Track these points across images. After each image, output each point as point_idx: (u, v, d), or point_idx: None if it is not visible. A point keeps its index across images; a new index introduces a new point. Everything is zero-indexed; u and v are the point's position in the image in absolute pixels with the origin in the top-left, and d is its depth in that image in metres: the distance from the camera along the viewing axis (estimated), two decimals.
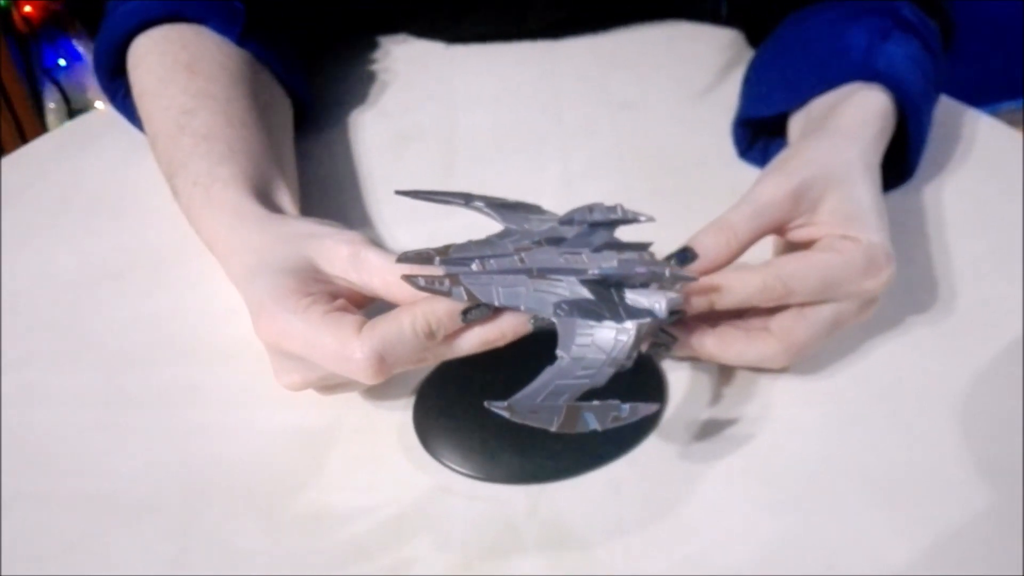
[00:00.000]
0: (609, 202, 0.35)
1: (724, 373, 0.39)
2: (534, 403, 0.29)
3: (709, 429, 0.36)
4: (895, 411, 0.37)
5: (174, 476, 0.35)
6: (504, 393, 0.29)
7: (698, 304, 0.34)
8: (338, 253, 0.34)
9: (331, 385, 0.35)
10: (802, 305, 0.35)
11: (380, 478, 0.35)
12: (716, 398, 0.38)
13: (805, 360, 0.39)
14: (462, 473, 0.35)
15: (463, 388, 0.37)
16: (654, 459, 0.35)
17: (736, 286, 0.34)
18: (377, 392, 0.38)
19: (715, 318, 0.36)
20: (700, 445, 0.36)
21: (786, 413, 0.37)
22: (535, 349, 0.32)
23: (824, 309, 0.35)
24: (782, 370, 0.38)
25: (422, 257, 0.32)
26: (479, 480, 0.35)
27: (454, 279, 0.31)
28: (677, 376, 0.39)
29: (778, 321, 0.35)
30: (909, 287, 0.42)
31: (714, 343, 0.36)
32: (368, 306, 0.36)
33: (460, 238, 0.33)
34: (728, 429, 0.36)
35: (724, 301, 0.34)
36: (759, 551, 0.32)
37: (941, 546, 0.32)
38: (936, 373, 0.38)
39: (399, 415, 0.37)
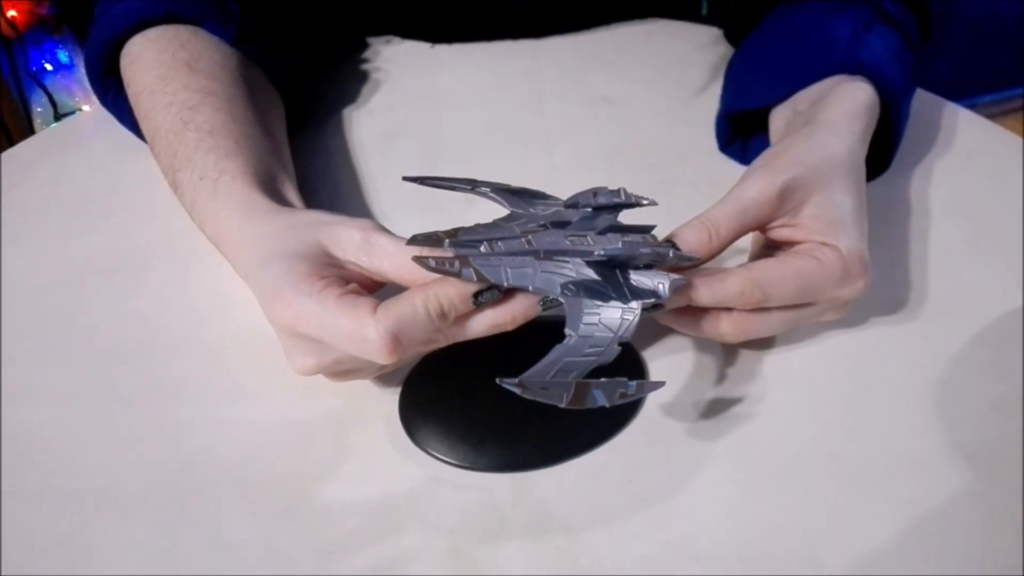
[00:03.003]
0: (612, 186, 0.35)
1: (705, 361, 0.39)
2: (545, 380, 0.29)
3: (690, 416, 0.37)
4: (874, 396, 0.38)
5: (164, 470, 0.36)
6: (488, 385, 0.30)
7: (675, 301, 0.34)
8: (350, 238, 0.34)
9: (343, 371, 0.35)
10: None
11: (368, 469, 0.35)
12: (697, 385, 0.38)
13: (785, 347, 0.40)
14: (449, 463, 0.35)
15: (449, 380, 0.38)
16: (636, 446, 0.36)
17: (715, 288, 0.34)
18: (364, 384, 0.38)
19: None
20: (681, 432, 0.36)
21: (767, 400, 0.38)
22: (520, 342, 0.32)
23: (791, 311, 0.36)
24: (766, 347, 0.40)
25: (432, 240, 0.32)
26: (465, 469, 0.35)
27: (464, 260, 0.31)
28: (657, 365, 0.39)
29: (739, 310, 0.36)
30: (887, 275, 0.43)
31: (671, 312, 0.36)
32: (378, 291, 0.37)
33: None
34: (708, 415, 0.37)
35: (702, 299, 0.34)
36: (741, 534, 0.33)
37: (921, 527, 0.32)
38: (914, 359, 0.39)
39: (386, 407, 0.38)
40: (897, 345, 0.40)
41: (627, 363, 0.39)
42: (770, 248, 0.39)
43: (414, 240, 0.33)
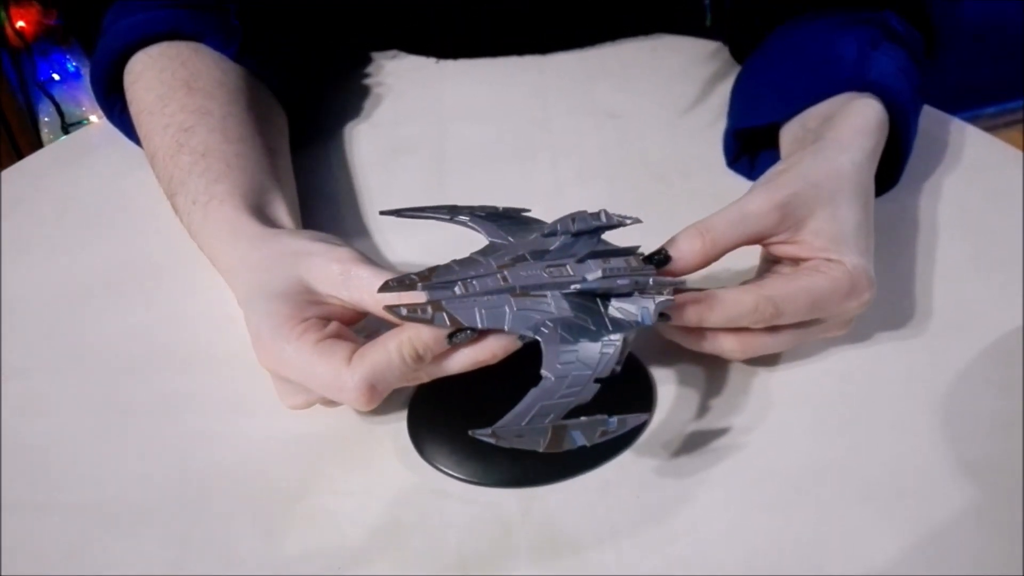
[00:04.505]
0: (592, 209, 0.35)
1: (711, 377, 0.39)
2: (519, 427, 0.29)
3: (697, 433, 0.37)
4: (878, 412, 0.38)
5: (171, 483, 0.36)
6: (498, 400, 0.30)
7: (688, 319, 0.34)
8: (328, 272, 0.35)
9: (332, 402, 0.36)
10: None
11: (375, 483, 0.36)
12: (704, 402, 0.38)
13: (790, 364, 0.40)
14: (456, 477, 0.35)
15: (457, 394, 0.38)
16: (644, 462, 0.36)
17: (728, 306, 0.34)
18: None
19: None
20: (689, 448, 0.36)
21: (772, 416, 0.38)
22: (530, 357, 0.32)
23: (799, 329, 0.36)
24: (772, 364, 0.40)
25: (404, 284, 0.32)
26: (473, 484, 0.35)
27: (436, 305, 0.31)
28: (666, 381, 0.39)
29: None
30: (890, 291, 0.43)
31: (678, 328, 0.36)
32: (361, 321, 0.37)
33: (453, 248, 0.34)
34: (716, 432, 0.37)
35: (714, 319, 0.34)
36: (748, 551, 0.33)
37: (925, 543, 0.33)
38: (918, 375, 0.39)
39: (394, 421, 0.38)
40: (900, 361, 0.40)
41: (636, 382, 0.39)
42: (773, 265, 0.39)
43: (386, 287, 0.32)
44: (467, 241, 0.35)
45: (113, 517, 0.35)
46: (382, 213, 0.37)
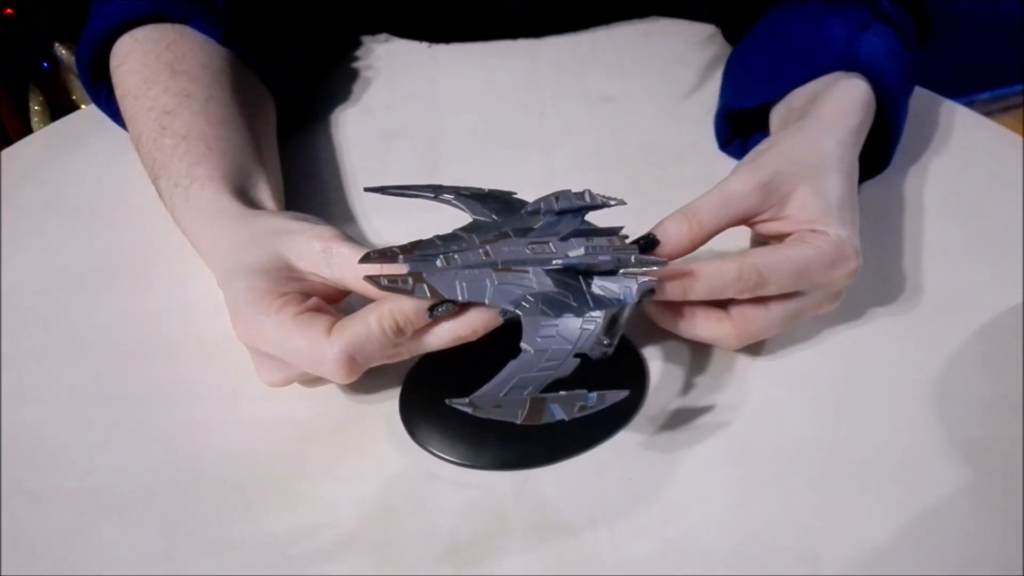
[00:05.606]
0: (577, 188, 0.35)
1: (704, 359, 0.39)
2: (497, 397, 0.29)
3: (690, 413, 0.37)
4: (872, 395, 0.38)
5: (164, 470, 0.36)
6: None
7: (672, 291, 0.34)
8: (310, 249, 0.34)
9: (312, 379, 0.36)
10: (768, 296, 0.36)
11: (368, 467, 0.35)
12: (697, 383, 0.38)
13: (783, 345, 0.40)
14: (449, 461, 0.35)
15: (449, 376, 0.38)
16: (637, 444, 0.36)
17: (712, 274, 0.34)
18: (364, 382, 0.38)
19: None
20: (682, 429, 0.36)
21: (765, 397, 0.38)
22: (520, 335, 0.32)
23: (789, 304, 0.36)
24: (765, 345, 0.40)
25: (386, 256, 0.32)
26: (466, 467, 0.35)
27: (417, 276, 0.31)
28: (658, 362, 0.39)
29: (738, 307, 0.36)
30: (885, 274, 0.43)
31: (671, 313, 0.36)
32: (342, 300, 0.37)
33: (443, 231, 0.34)
34: (709, 413, 0.37)
35: (699, 289, 0.34)
36: (741, 532, 0.33)
37: (920, 525, 0.33)
38: (910, 356, 0.39)
39: (386, 404, 0.38)
40: (895, 343, 0.40)
41: (627, 362, 0.39)
42: (762, 244, 0.39)
43: (367, 258, 0.32)
44: (457, 227, 0.34)
45: (106, 503, 0.34)
46: (367, 190, 0.37)
